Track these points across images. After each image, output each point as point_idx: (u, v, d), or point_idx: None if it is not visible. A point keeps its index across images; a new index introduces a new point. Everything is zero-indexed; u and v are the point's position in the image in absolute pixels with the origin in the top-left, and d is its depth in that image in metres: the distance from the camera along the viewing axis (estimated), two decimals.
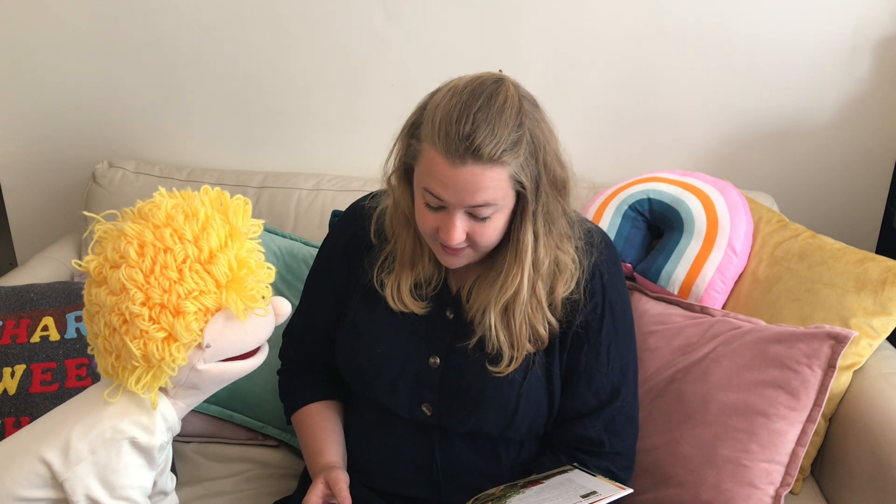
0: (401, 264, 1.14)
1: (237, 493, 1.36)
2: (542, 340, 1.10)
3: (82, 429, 0.88)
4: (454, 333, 1.13)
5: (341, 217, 1.27)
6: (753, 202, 1.59)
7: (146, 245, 0.85)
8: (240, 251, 0.88)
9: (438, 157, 0.98)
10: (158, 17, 1.81)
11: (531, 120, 0.99)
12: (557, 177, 1.04)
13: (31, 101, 1.93)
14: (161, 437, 0.89)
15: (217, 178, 1.81)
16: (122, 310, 0.84)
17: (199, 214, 0.87)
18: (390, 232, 1.15)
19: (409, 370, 1.14)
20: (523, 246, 1.04)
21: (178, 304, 0.84)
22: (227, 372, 0.92)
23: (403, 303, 1.13)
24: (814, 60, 1.72)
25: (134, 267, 0.84)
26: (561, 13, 1.73)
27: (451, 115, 0.96)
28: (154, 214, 0.87)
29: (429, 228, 1.05)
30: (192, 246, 0.85)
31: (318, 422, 1.22)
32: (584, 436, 1.13)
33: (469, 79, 1.01)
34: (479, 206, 0.99)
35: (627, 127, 1.81)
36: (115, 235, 0.88)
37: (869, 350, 1.32)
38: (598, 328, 1.12)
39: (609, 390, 1.13)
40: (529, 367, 1.11)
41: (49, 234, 2.02)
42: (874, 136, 1.78)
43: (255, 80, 1.86)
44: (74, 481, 0.87)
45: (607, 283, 1.13)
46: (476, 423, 1.12)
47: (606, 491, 1.00)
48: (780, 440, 1.17)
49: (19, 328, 1.35)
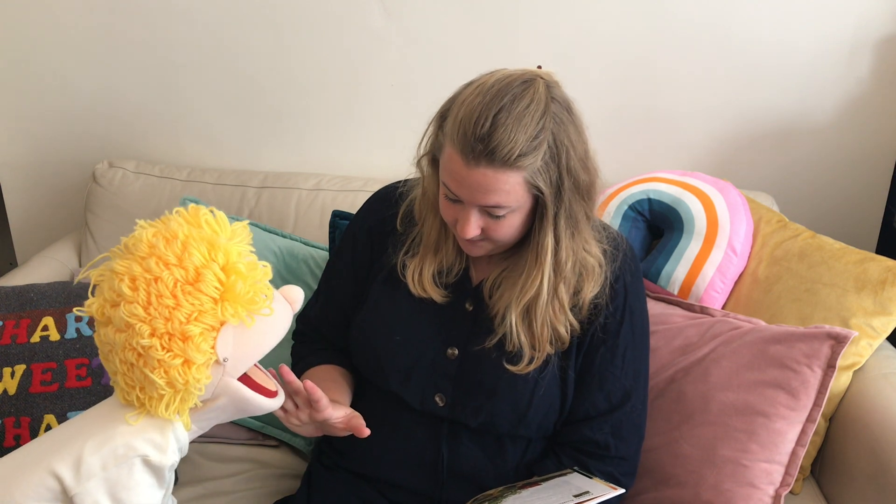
0: (426, 248, 1.14)
1: (237, 493, 1.36)
2: (563, 342, 1.10)
3: (95, 444, 0.88)
4: (472, 326, 1.13)
5: (371, 199, 1.26)
6: (753, 202, 1.59)
7: (137, 278, 0.86)
8: (226, 260, 0.88)
9: (455, 154, 0.98)
10: (158, 17, 1.82)
11: (556, 123, 0.98)
12: (581, 181, 1.02)
13: (32, 101, 1.93)
14: (173, 457, 0.90)
15: (217, 178, 1.81)
16: (134, 345, 0.85)
17: (178, 236, 0.87)
18: (419, 216, 1.15)
19: (425, 359, 1.13)
20: (543, 249, 1.04)
21: (182, 330, 0.85)
22: (244, 396, 0.91)
23: (424, 288, 1.13)
24: (814, 60, 1.72)
25: (132, 302, 0.85)
26: (561, 13, 1.73)
27: (472, 115, 0.96)
28: (137, 247, 0.87)
29: (450, 218, 1.06)
30: (178, 269, 0.86)
31: (328, 377, 1.19)
32: (590, 438, 1.13)
33: (500, 76, 1.00)
34: (491, 206, 0.99)
35: (627, 127, 1.81)
36: (108, 276, 0.89)
37: (869, 350, 1.32)
38: (616, 331, 1.12)
39: (621, 395, 1.13)
40: (546, 364, 1.11)
41: (49, 234, 2.02)
42: (874, 136, 1.78)
43: (255, 80, 1.86)
44: (84, 496, 0.87)
45: (630, 288, 1.13)
46: (488, 417, 1.12)
47: (598, 491, 1.00)
48: (780, 440, 1.17)
49: (19, 328, 1.35)
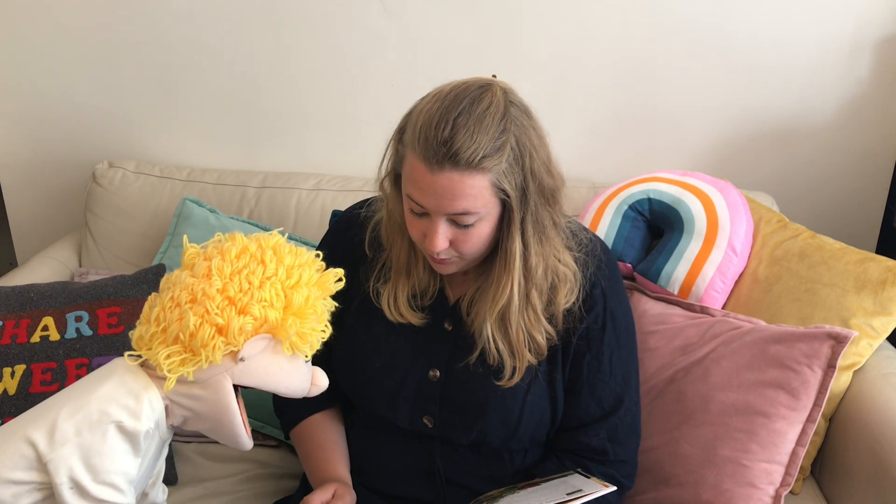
0: (396, 273, 1.12)
1: (237, 493, 1.36)
2: (542, 350, 1.09)
3: (69, 411, 0.90)
4: (453, 346, 1.12)
5: (335, 225, 1.24)
6: (753, 202, 1.59)
7: (246, 253, 0.93)
8: (318, 300, 0.95)
9: (418, 162, 0.96)
10: (158, 17, 1.82)
11: (518, 126, 0.97)
12: (546, 186, 1.01)
13: (32, 101, 1.93)
14: (147, 424, 0.90)
15: (217, 178, 1.81)
16: (196, 290, 0.90)
17: (301, 253, 0.97)
18: (385, 240, 1.13)
19: (409, 383, 1.12)
20: (511, 255, 1.02)
21: (245, 304, 0.90)
22: (228, 409, 0.93)
23: (400, 313, 1.12)
24: (814, 60, 1.72)
25: (227, 262, 0.92)
26: (561, 13, 1.73)
27: (432, 121, 0.95)
28: (267, 239, 0.96)
29: (417, 234, 1.03)
30: (284, 270, 0.93)
31: (320, 434, 1.20)
32: (587, 445, 1.13)
33: (455, 84, 0.99)
34: (459, 213, 0.97)
35: (627, 127, 1.81)
36: (228, 240, 0.96)
37: (869, 350, 1.32)
38: (599, 338, 1.11)
39: (612, 400, 1.12)
40: (534, 377, 1.10)
41: (49, 234, 2.02)
42: (874, 136, 1.78)
43: (255, 80, 1.86)
44: (58, 462, 0.87)
45: (608, 293, 1.12)
46: (478, 435, 1.11)
47: (590, 488, 1.00)
48: (780, 440, 1.17)
49: (19, 328, 1.35)
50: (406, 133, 0.99)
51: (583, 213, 1.60)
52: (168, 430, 0.97)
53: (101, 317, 1.38)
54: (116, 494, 0.89)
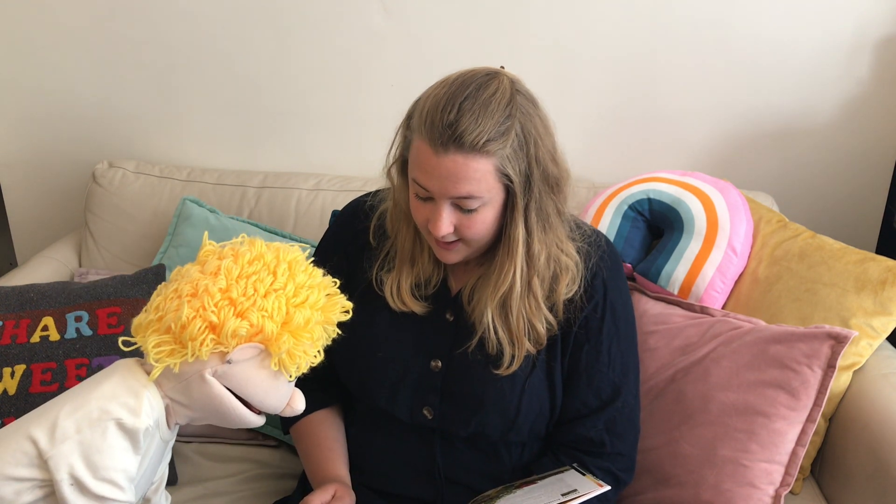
0: (401, 261, 1.13)
1: (237, 493, 1.36)
2: (541, 338, 1.09)
3: (70, 408, 0.90)
4: (455, 336, 1.13)
5: (340, 214, 1.26)
6: (753, 202, 1.59)
7: (260, 261, 0.94)
8: (318, 324, 0.95)
9: (424, 145, 0.98)
10: (158, 17, 1.82)
11: (523, 114, 0.98)
12: (550, 174, 1.02)
13: (32, 101, 1.93)
14: (146, 421, 0.91)
15: (217, 178, 1.81)
16: (199, 285, 0.91)
17: (316, 275, 0.97)
18: (391, 229, 1.14)
19: (411, 374, 1.13)
20: (514, 241, 1.03)
21: (245, 309, 0.90)
22: (223, 400, 0.94)
23: (403, 301, 1.12)
24: (814, 60, 1.72)
25: (238, 264, 0.93)
26: (561, 13, 1.73)
27: (438, 105, 0.97)
28: (286, 252, 0.96)
29: (421, 220, 1.04)
30: (293, 286, 0.93)
31: (320, 432, 1.20)
32: (584, 436, 1.13)
33: (463, 71, 1.01)
34: (463, 197, 0.98)
35: (627, 127, 1.81)
36: (247, 244, 0.97)
37: (869, 350, 1.32)
38: (598, 328, 1.12)
39: (610, 390, 1.12)
40: (532, 367, 1.10)
41: (49, 234, 2.02)
42: (874, 136, 1.78)
43: (255, 81, 1.86)
44: (59, 459, 0.88)
45: (609, 284, 1.13)
46: (477, 427, 1.12)
47: (586, 488, 1.00)
48: (780, 440, 1.17)
49: (19, 328, 1.35)
50: (413, 118, 1.01)
51: (583, 213, 1.60)
52: (169, 430, 0.97)
53: (101, 317, 1.38)
54: (116, 491, 0.89)
